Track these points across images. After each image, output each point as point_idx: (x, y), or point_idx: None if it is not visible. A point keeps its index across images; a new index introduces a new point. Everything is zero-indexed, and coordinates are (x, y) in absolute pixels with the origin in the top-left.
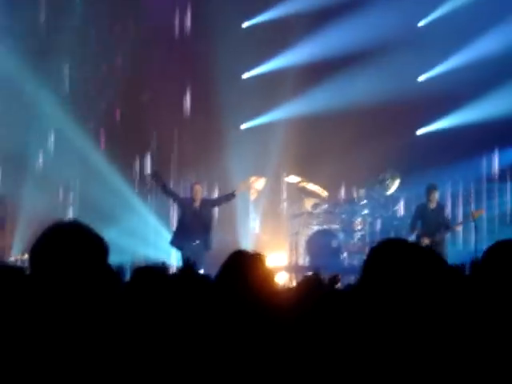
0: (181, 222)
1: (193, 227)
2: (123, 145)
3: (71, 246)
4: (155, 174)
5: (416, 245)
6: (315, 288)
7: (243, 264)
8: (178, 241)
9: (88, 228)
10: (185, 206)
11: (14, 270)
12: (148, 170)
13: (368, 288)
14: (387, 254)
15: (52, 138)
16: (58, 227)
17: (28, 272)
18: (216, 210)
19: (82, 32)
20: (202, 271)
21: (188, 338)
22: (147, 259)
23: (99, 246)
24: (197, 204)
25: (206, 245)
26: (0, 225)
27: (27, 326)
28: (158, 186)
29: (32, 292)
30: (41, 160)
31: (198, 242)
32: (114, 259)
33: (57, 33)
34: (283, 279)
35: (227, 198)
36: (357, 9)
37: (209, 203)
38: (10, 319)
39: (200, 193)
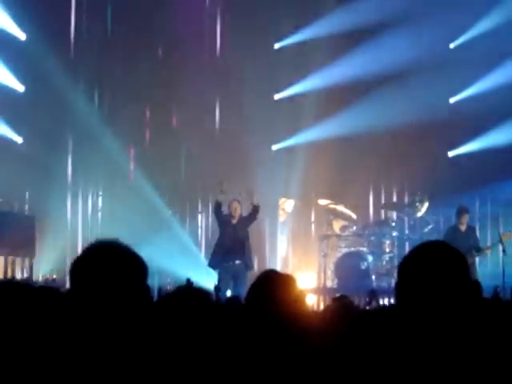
0: (220, 240)
1: (232, 246)
2: (153, 162)
3: (112, 266)
4: (221, 184)
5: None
6: (347, 310)
7: (274, 284)
8: (217, 261)
9: (128, 247)
10: (225, 223)
11: (50, 291)
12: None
13: (404, 306)
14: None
15: (81, 156)
16: (99, 246)
17: (65, 291)
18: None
19: (111, 53)
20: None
21: (219, 360)
22: (175, 280)
23: (139, 266)
24: (235, 221)
25: (247, 264)
26: (29, 244)
27: (63, 344)
28: (218, 198)
29: (70, 311)
30: (70, 179)
31: (238, 262)
32: None
33: (87, 58)
34: (311, 301)
35: (253, 211)
36: (389, 30)
37: (245, 220)
38: (46, 338)
39: (239, 210)
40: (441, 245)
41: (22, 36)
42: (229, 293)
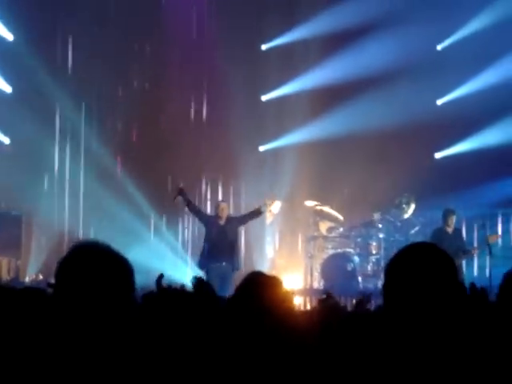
0: (207, 241)
1: (219, 246)
2: (140, 165)
3: (97, 266)
4: (181, 191)
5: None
6: (333, 312)
7: (260, 285)
8: (204, 262)
9: (112, 248)
10: (210, 224)
11: (35, 292)
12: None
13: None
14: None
15: (68, 156)
16: (83, 247)
17: (50, 293)
18: (242, 228)
19: (98, 52)
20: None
21: (201, 360)
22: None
23: (125, 267)
24: (222, 222)
25: (234, 265)
26: (15, 244)
27: (48, 346)
28: (184, 202)
29: (55, 312)
30: (56, 179)
31: (224, 263)
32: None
33: (74, 56)
34: (298, 302)
35: (254, 214)
36: (375, 32)
37: (235, 221)
38: (31, 340)
39: (226, 211)
40: (428, 246)
41: (9, 37)
42: None
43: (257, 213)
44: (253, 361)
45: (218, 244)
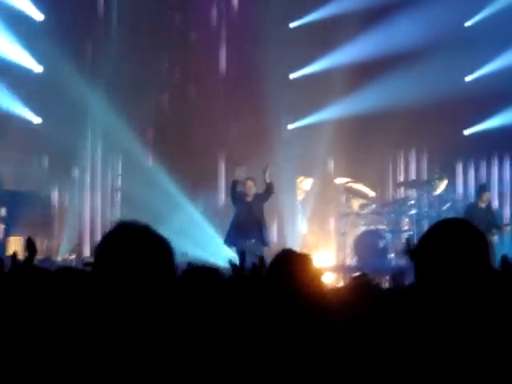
0: (235, 218)
1: (246, 223)
2: (171, 144)
3: (139, 246)
4: (238, 164)
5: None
6: (366, 289)
7: (291, 263)
8: (232, 239)
9: (153, 229)
10: (240, 201)
11: (72, 271)
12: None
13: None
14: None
15: (99, 138)
16: (124, 226)
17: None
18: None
19: (131, 35)
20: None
21: (237, 338)
22: (195, 260)
23: (166, 248)
24: (250, 199)
25: (263, 241)
26: (47, 224)
27: (88, 325)
28: (235, 178)
29: (94, 292)
30: (88, 159)
31: (254, 240)
32: None
33: (105, 38)
34: (330, 279)
35: (267, 189)
36: (405, 8)
37: (260, 198)
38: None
39: (253, 188)
40: (460, 222)
41: (39, 16)
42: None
43: (268, 188)
44: (284, 337)
45: (246, 221)
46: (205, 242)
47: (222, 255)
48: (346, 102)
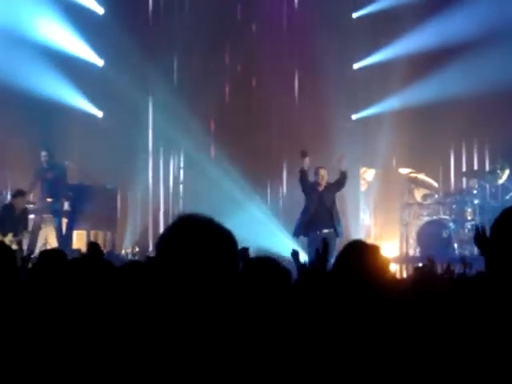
0: (307, 209)
1: (319, 214)
2: (233, 137)
3: (203, 240)
4: (304, 154)
5: None
6: (431, 278)
7: (360, 253)
8: (303, 230)
9: (218, 223)
10: (312, 191)
11: (137, 265)
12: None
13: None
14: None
15: (161, 131)
16: (188, 220)
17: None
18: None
19: (192, 29)
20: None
21: (308, 328)
22: (260, 251)
23: (230, 241)
24: (321, 189)
25: (337, 232)
26: (111, 218)
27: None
28: (304, 167)
29: (157, 286)
30: (150, 153)
31: (327, 230)
32: None
33: (166, 31)
34: (394, 270)
35: (341, 178)
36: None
37: (332, 187)
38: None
39: (326, 177)
40: None
41: (99, 10)
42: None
43: (342, 176)
44: (354, 326)
45: (318, 211)
46: (268, 237)
47: (287, 248)
48: (409, 92)
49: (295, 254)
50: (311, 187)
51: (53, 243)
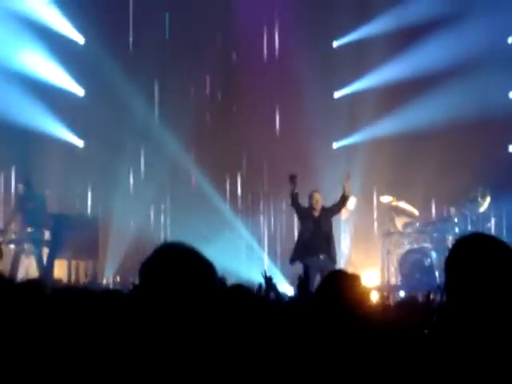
0: (302, 234)
1: (315, 239)
2: (213, 163)
3: (183, 269)
4: (293, 178)
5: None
6: (414, 308)
7: (341, 283)
8: (300, 256)
9: (197, 251)
10: (306, 216)
11: (115, 294)
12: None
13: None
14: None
15: (143, 158)
16: (169, 248)
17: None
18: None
19: (170, 55)
20: None
21: (286, 357)
22: (239, 279)
23: (210, 271)
24: (317, 214)
25: (332, 257)
26: (93, 247)
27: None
28: (294, 189)
29: (138, 312)
30: (132, 180)
31: (322, 256)
32: None
33: (146, 51)
34: (375, 299)
35: (341, 200)
36: (446, 25)
37: (328, 211)
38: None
39: (321, 201)
40: (485, 237)
41: (80, 40)
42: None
43: (343, 198)
44: (333, 354)
45: (314, 236)
46: (253, 263)
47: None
48: (389, 121)
49: (268, 281)
50: (306, 212)
51: (34, 273)
